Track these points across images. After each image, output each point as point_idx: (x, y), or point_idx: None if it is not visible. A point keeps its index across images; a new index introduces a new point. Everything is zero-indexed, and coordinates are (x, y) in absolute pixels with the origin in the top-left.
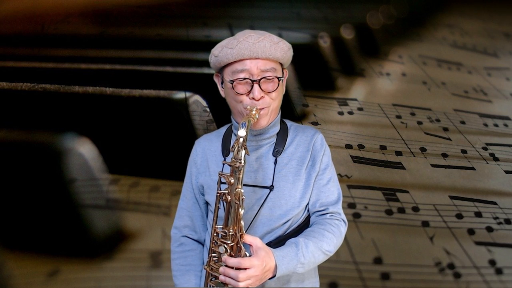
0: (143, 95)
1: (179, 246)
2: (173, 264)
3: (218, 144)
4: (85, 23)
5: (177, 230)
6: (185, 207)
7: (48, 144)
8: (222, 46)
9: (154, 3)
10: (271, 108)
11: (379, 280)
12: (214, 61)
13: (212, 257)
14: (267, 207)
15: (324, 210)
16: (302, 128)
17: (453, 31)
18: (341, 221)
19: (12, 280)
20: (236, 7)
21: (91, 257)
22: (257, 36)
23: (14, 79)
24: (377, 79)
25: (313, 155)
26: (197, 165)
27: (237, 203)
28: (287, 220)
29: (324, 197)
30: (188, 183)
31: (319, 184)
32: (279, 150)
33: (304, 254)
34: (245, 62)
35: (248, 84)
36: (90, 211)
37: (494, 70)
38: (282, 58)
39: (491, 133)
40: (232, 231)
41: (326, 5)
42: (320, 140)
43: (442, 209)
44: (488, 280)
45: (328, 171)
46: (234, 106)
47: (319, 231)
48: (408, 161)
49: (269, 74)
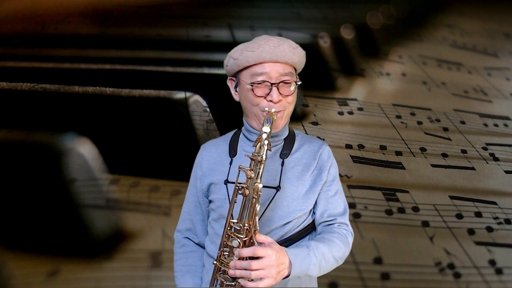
0: (143, 95)
1: (181, 247)
2: (175, 265)
3: (224, 147)
4: (85, 23)
5: (180, 233)
6: (187, 211)
7: (48, 144)
8: (242, 49)
9: (154, 3)
10: (286, 111)
11: (379, 280)
12: (232, 64)
13: (223, 251)
14: (269, 207)
15: (332, 221)
16: (310, 138)
17: (453, 31)
18: (349, 232)
19: (12, 280)
20: (236, 7)
21: (91, 257)
22: (277, 41)
23: (14, 79)
24: (377, 79)
25: (319, 164)
26: (203, 168)
27: (255, 198)
28: (287, 222)
29: (332, 208)
30: (192, 186)
31: (327, 195)
32: (286, 153)
33: (316, 255)
34: (264, 65)
35: (267, 87)
36: (90, 211)
37: (494, 70)
38: (298, 63)
39: (491, 133)
40: (247, 225)
41: (326, 5)
42: (328, 151)
43: (442, 209)
44: (488, 280)
45: (336, 183)
46: (250, 109)
47: (328, 237)
48: (408, 161)
49: (287, 78)
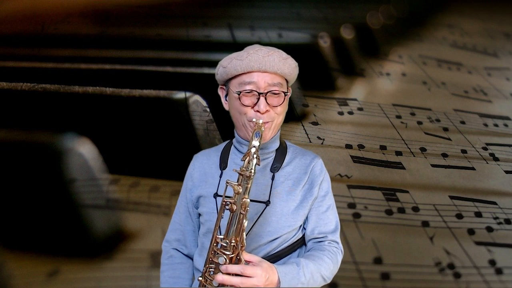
0: (143, 95)
1: (169, 258)
2: (162, 276)
3: (216, 158)
4: (85, 23)
5: (168, 243)
6: (178, 221)
7: (48, 144)
8: (231, 58)
9: (154, 3)
10: (274, 122)
11: (379, 280)
12: (222, 72)
13: (208, 267)
14: (257, 222)
15: (323, 238)
16: (302, 152)
17: (453, 31)
18: (339, 249)
19: (12, 280)
20: (236, 7)
21: (91, 257)
22: (267, 51)
23: (14, 79)
24: (377, 79)
25: (310, 178)
26: (193, 179)
27: (243, 214)
28: (276, 238)
29: (322, 224)
30: (183, 197)
31: (318, 211)
32: (277, 167)
33: (305, 273)
34: (253, 74)
35: (254, 97)
36: (90, 211)
37: (494, 70)
38: (289, 74)
39: (491, 133)
40: (234, 242)
41: (326, 5)
42: (320, 165)
43: (442, 209)
44: (488, 280)
45: (328, 198)
46: (237, 118)
47: (318, 255)
48: (408, 161)
49: (276, 88)
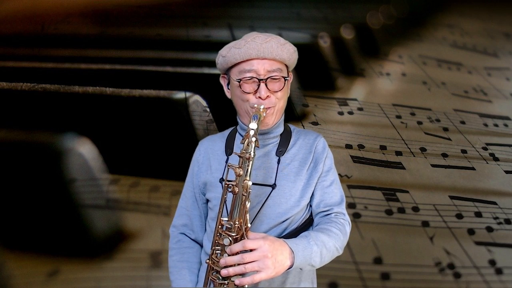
0: (143, 95)
1: (177, 243)
2: (170, 260)
3: (221, 144)
4: (85, 23)
5: (175, 228)
6: (184, 206)
7: (48, 144)
8: (230, 47)
9: (154, 3)
10: (276, 107)
11: (379, 280)
12: (222, 62)
13: (215, 250)
14: (267, 205)
15: (329, 210)
16: (305, 132)
17: (453, 31)
18: (346, 221)
19: (12, 280)
20: (236, 7)
21: (91, 257)
22: (264, 37)
23: (14, 79)
24: (377, 79)
25: (315, 157)
26: (199, 164)
27: (244, 195)
28: (286, 219)
29: (328, 198)
30: (189, 182)
31: (323, 186)
32: (282, 150)
33: (317, 243)
34: (252, 62)
35: (255, 83)
36: (90, 211)
37: (494, 70)
38: (288, 60)
39: (491, 133)
40: (238, 223)
41: (326, 5)
42: (322, 143)
43: (442, 209)
44: (488, 280)
45: (331, 174)
46: (240, 105)
47: (326, 227)
48: (408, 161)
49: (276, 74)
